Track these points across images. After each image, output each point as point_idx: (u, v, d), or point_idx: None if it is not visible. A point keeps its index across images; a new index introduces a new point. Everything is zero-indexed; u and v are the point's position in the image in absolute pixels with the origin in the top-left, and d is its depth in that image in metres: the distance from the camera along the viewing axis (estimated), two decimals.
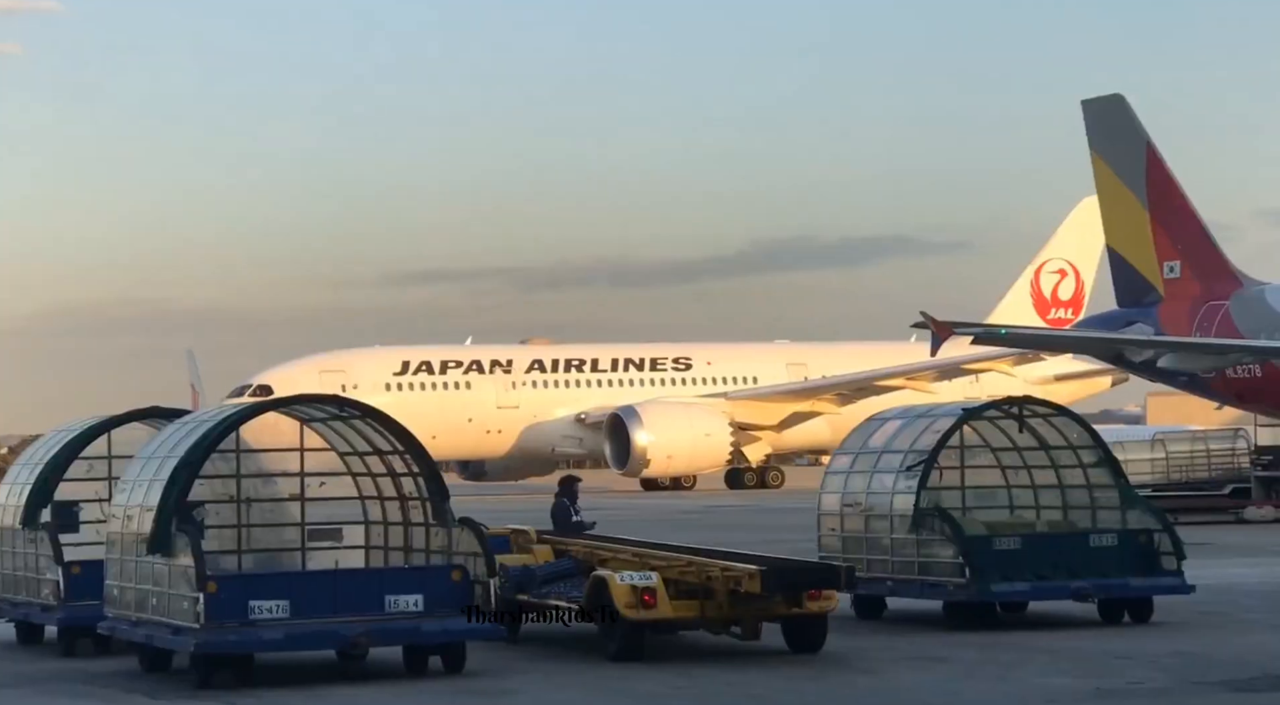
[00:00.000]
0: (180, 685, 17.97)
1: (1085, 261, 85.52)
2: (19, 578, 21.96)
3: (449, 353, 76.08)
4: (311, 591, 18.02)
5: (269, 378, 71.59)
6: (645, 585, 19.24)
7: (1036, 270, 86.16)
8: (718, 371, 78.15)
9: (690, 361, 78.25)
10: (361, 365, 73.58)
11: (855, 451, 24.06)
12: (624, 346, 79.82)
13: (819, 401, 76.35)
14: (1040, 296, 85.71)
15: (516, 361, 76.13)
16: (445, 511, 19.26)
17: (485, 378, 74.79)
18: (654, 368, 77.77)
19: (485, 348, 77.90)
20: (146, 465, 19.00)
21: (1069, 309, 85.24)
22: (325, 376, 71.08)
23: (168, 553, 17.94)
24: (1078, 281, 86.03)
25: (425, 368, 74.15)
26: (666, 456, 72.19)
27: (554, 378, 76.08)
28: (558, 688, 17.94)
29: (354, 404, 19.89)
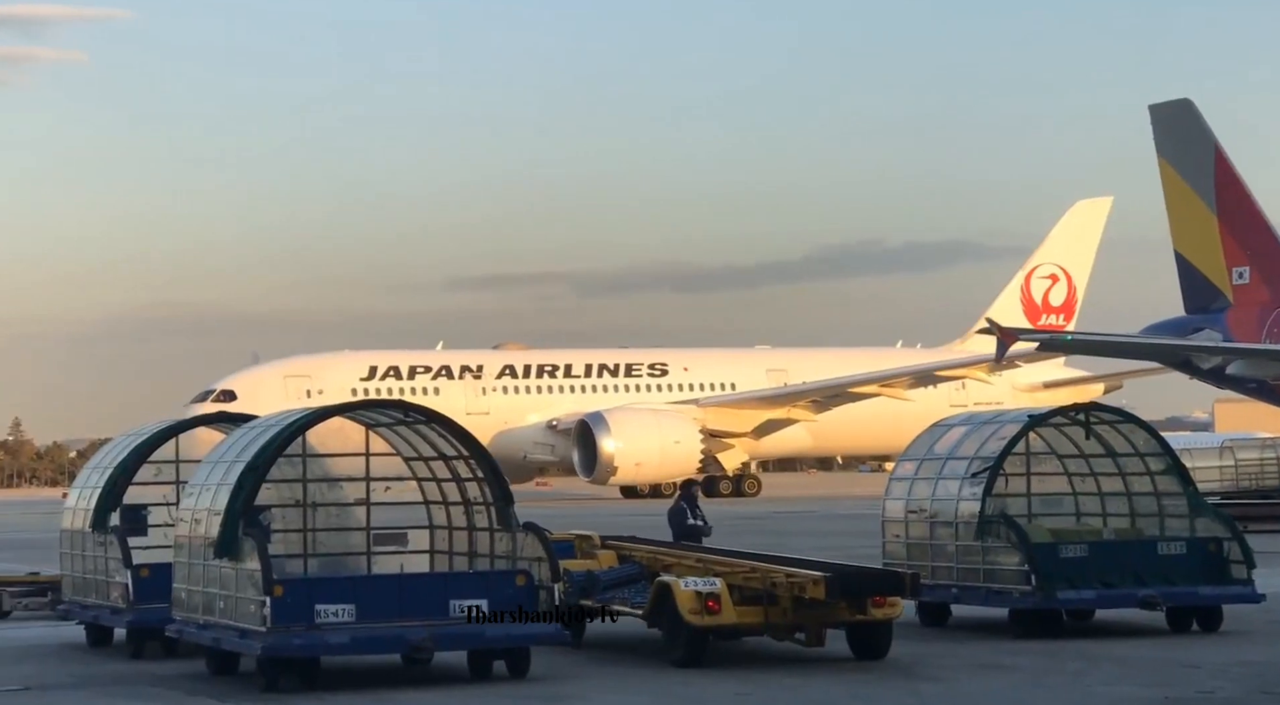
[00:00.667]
0: (247, 688, 18.08)
1: (1078, 266, 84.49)
2: (89, 580, 22.17)
3: (418, 358, 75.32)
4: (377, 596, 18.09)
5: (232, 383, 71.18)
6: (709, 591, 19.23)
7: (1027, 275, 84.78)
8: (694, 377, 77.30)
9: (666, 367, 77.47)
10: (327, 370, 72.85)
11: (920, 458, 23.96)
12: (598, 352, 79.01)
13: (795, 408, 75.36)
14: (1031, 302, 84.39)
15: (487, 366, 75.35)
16: (510, 516, 19.31)
17: (454, 383, 74.02)
18: (629, 373, 76.94)
19: (456, 353, 77.08)
20: (214, 469, 19.13)
21: (1060, 315, 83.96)
22: (290, 381, 70.90)
23: (235, 556, 18.06)
24: (1070, 287, 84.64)
25: (393, 373, 73.42)
26: (634, 464, 71.24)
27: (525, 383, 75.34)
28: (621, 693, 17.93)
29: (419, 409, 19.96)
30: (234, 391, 69.97)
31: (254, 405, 69.58)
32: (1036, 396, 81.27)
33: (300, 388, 70.33)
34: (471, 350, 78.85)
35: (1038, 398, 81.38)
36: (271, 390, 69.61)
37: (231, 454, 19.10)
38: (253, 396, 69.00)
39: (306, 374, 71.84)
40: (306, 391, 70.13)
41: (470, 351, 78.24)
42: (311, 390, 70.16)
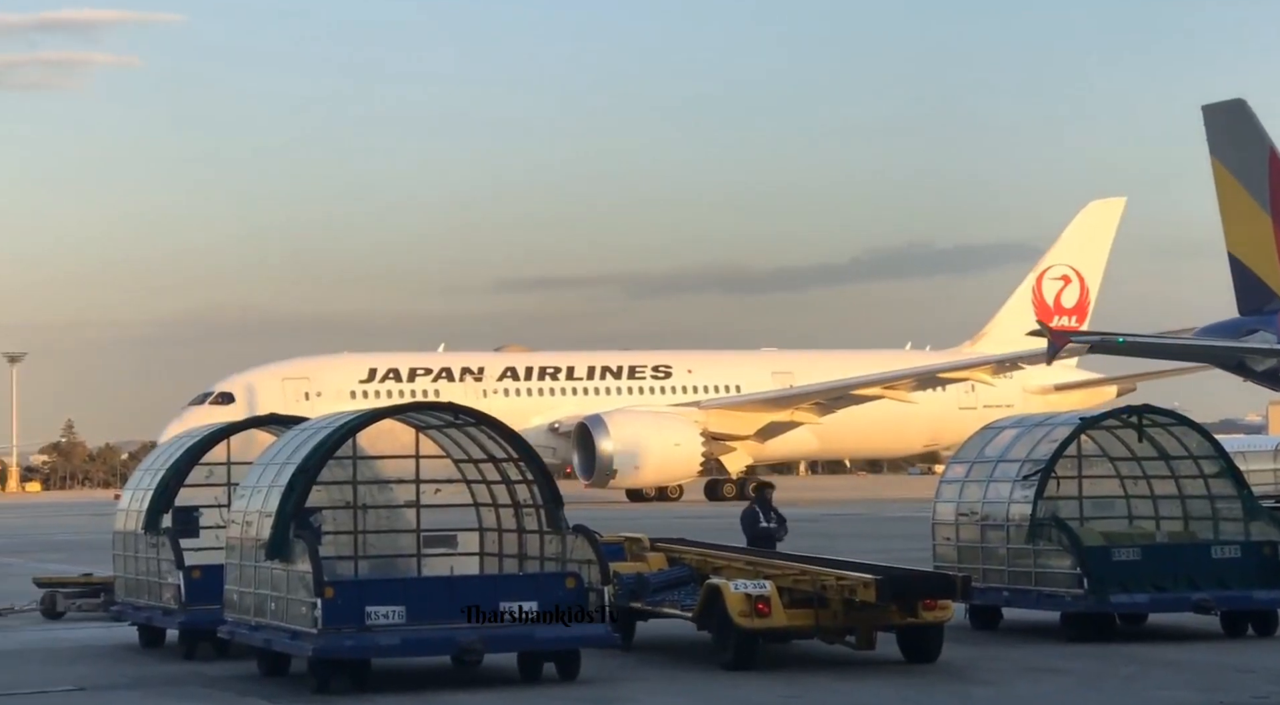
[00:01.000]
0: (298, 690, 18.14)
1: (1090, 267, 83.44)
2: (141, 581, 22.30)
3: (418, 360, 74.59)
4: (427, 597, 18.12)
5: (230, 385, 70.62)
6: (759, 594, 19.19)
7: (1039, 277, 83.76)
8: (698, 380, 76.45)
9: (670, 370, 76.57)
10: (326, 372, 72.20)
11: (970, 460, 23.85)
12: (601, 354, 78.15)
13: (798, 411, 74.46)
14: (1042, 303, 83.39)
15: (489, 369, 74.53)
16: (559, 518, 19.32)
17: (455, 385, 73.09)
18: (632, 376, 76.05)
19: (457, 355, 76.32)
20: (265, 471, 19.21)
21: (1073, 317, 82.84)
22: (288, 384, 70.34)
23: (286, 558, 18.12)
24: (1082, 288, 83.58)
25: (393, 375, 72.69)
26: (634, 467, 70.28)
27: (527, 386, 74.51)
28: (671, 695, 17.91)
29: (469, 411, 19.99)
30: (231, 394, 69.46)
31: (252, 408, 68.28)
32: (1048, 399, 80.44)
33: (299, 390, 69.87)
34: (473, 352, 78.13)
35: (1049, 400, 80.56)
36: (269, 392, 69.24)
37: (283, 456, 19.17)
38: (251, 399, 68.91)
39: (305, 376, 71.28)
40: (305, 394, 69.69)
41: (471, 353, 77.54)
42: (310, 392, 69.74)
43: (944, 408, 78.53)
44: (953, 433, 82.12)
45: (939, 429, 79.85)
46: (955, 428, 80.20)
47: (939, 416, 78.52)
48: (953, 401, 78.29)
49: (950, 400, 78.13)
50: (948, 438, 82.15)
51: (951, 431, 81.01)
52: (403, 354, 75.47)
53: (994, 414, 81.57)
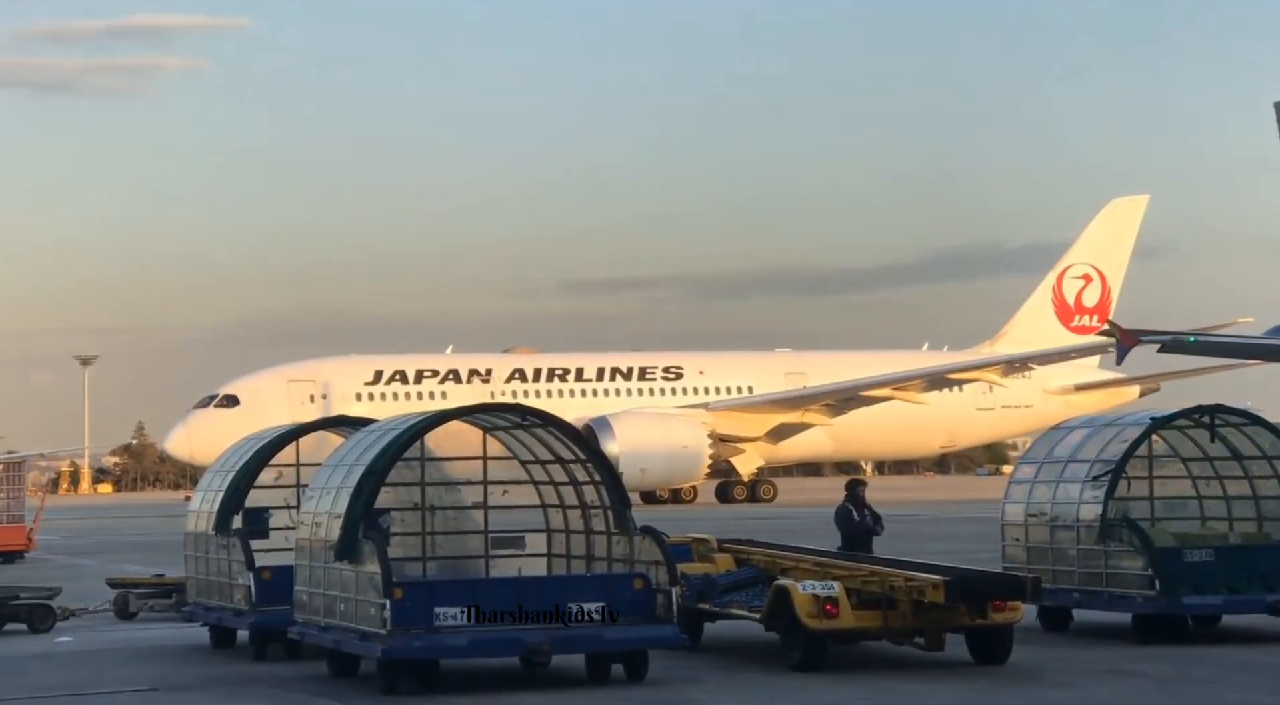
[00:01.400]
0: (367, 690, 18.22)
1: (1112, 266, 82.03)
2: (212, 582, 22.45)
3: (425, 362, 73.84)
4: (495, 599, 18.15)
5: (235, 388, 70.46)
6: (828, 595, 19.12)
7: (1059, 276, 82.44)
8: (710, 381, 75.41)
9: (681, 371, 75.53)
10: (332, 374, 71.69)
11: (1040, 461, 23.69)
12: (611, 355, 77.14)
13: (809, 412, 73.33)
14: (1063, 303, 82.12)
15: (496, 370, 73.75)
16: (627, 519, 19.31)
17: (462, 387, 72.26)
18: (643, 377, 75.03)
19: (465, 357, 75.49)
20: (334, 473, 19.30)
21: (1094, 316, 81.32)
22: (294, 386, 69.97)
23: (355, 559, 18.20)
24: (1104, 287, 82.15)
25: (399, 377, 72.14)
26: (640, 469, 68.74)
27: (536, 387, 73.52)
28: (739, 697, 17.87)
29: (536, 412, 20.02)
30: (237, 396, 69.39)
31: (257, 410, 68.17)
32: (1069, 399, 79.39)
33: (304, 392, 69.65)
34: (481, 354, 77.42)
35: (1070, 401, 79.45)
36: (275, 395, 69.20)
37: (351, 457, 19.25)
38: (256, 402, 68.88)
39: (311, 378, 70.88)
40: (310, 396, 69.54)
41: (479, 355, 76.78)
42: (315, 395, 69.56)
43: (961, 408, 77.51)
44: (970, 434, 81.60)
45: (956, 430, 79.02)
46: (972, 429, 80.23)
47: (956, 417, 77.63)
48: (970, 402, 77.35)
49: (967, 401, 77.04)
50: (965, 439, 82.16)
51: (969, 432, 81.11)
52: (410, 356, 74.85)
53: (1011, 415, 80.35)
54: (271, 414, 68.38)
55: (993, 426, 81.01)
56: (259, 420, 68.56)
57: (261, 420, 68.42)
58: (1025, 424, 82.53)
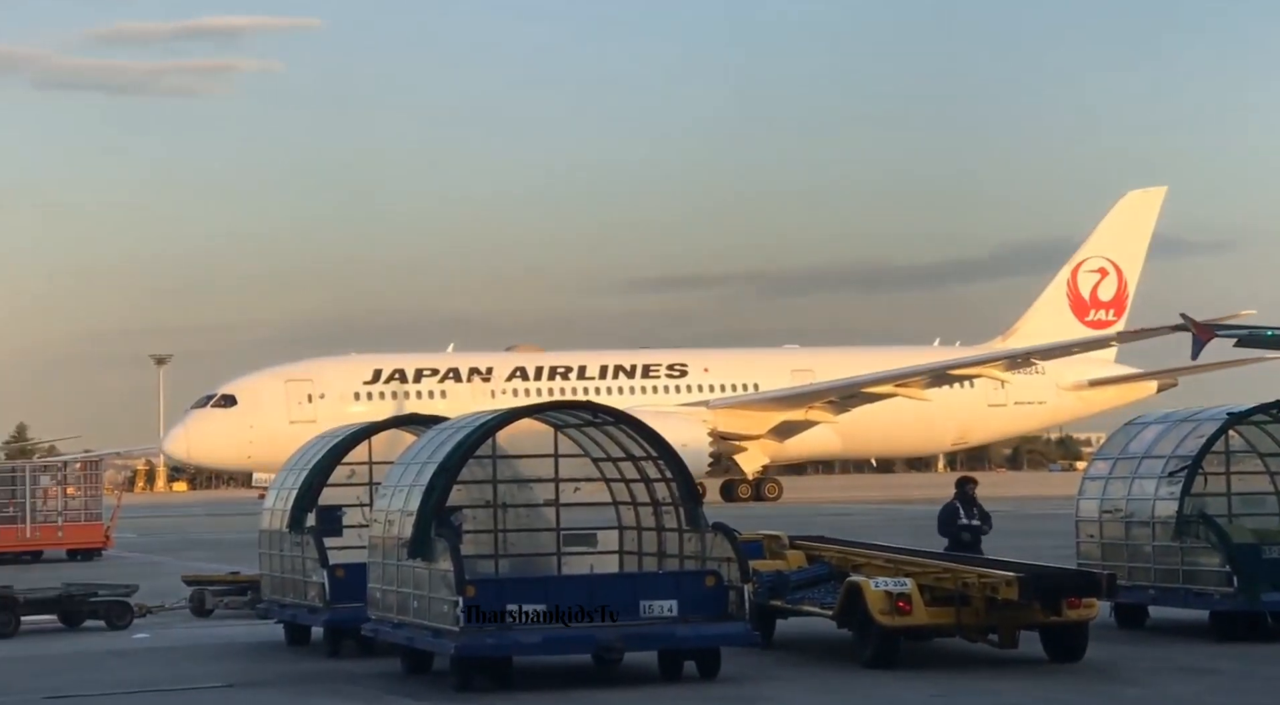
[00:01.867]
0: (441, 687, 18.29)
1: (1129, 260, 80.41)
2: (287, 580, 22.60)
3: (425, 361, 73.00)
4: (568, 596, 18.18)
5: (233, 387, 70.00)
6: (900, 591, 19.04)
7: (1074, 270, 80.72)
8: (715, 379, 74.24)
9: (686, 368, 74.48)
10: (330, 374, 71.14)
11: (1114, 457, 23.49)
12: (615, 353, 76.03)
13: (813, 409, 72.11)
14: (1078, 298, 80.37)
15: (497, 369, 72.87)
16: (699, 516, 19.30)
17: (462, 386, 71.58)
18: (646, 375, 73.97)
19: (465, 355, 74.60)
20: (406, 471, 19.38)
21: (1110, 310, 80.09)
22: (291, 385, 69.44)
23: (428, 557, 18.27)
24: (1120, 281, 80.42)
25: (398, 376, 71.43)
26: None
27: (537, 386, 72.49)
28: (812, 694, 17.83)
29: (607, 410, 20.04)
30: (234, 396, 69.12)
31: (255, 410, 68.63)
32: (1083, 395, 78.34)
33: (302, 392, 69.33)
34: (482, 352, 76.54)
35: (1084, 396, 78.50)
36: (273, 395, 69.02)
37: (423, 455, 19.33)
38: (253, 401, 68.77)
39: (308, 378, 70.29)
40: (308, 396, 69.26)
41: (480, 354, 75.93)
42: (313, 394, 69.26)
43: (973, 405, 76.20)
44: (982, 430, 79.61)
45: (968, 426, 77.79)
46: (984, 425, 78.51)
47: (968, 414, 76.49)
48: (981, 398, 76.02)
49: (979, 397, 75.76)
50: (976, 435, 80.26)
51: (980, 429, 79.10)
52: (409, 355, 74.11)
53: (1024, 411, 78.97)
54: (269, 414, 68.57)
55: (1005, 423, 79.62)
56: (256, 420, 68.61)
57: (258, 420, 68.86)
58: (1039, 420, 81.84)
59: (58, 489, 45.40)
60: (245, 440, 67.10)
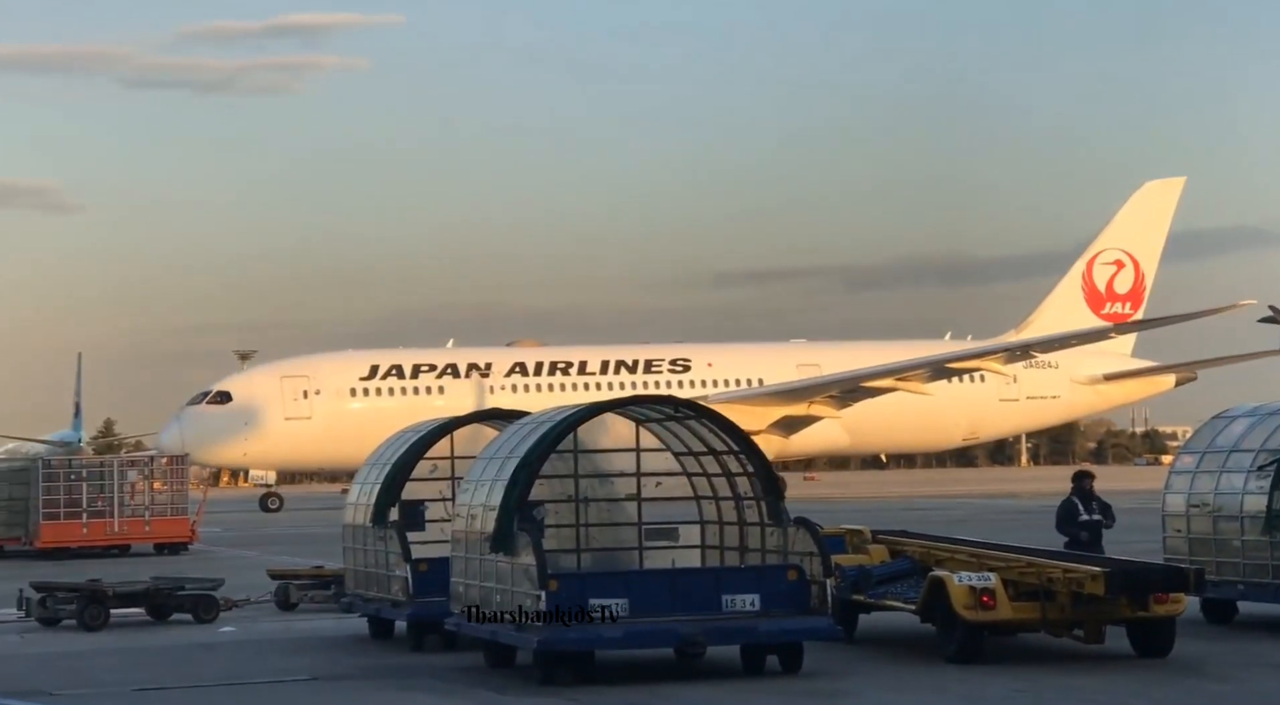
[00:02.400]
0: (524, 681, 18.34)
1: (1146, 251, 78.94)
2: (370, 574, 22.73)
3: (423, 356, 72.25)
4: (650, 590, 18.19)
5: (229, 384, 69.90)
6: (984, 586, 18.92)
7: (1089, 262, 79.20)
8: (719, 373, 73.27)
9: (689, 363, 73.53)
10: (326, 370, 70.63)
11: (1201, 451, 23.23)
12: (616, 348, 75.13)
13: (815, 404, 70.88)
14: (1093, 290, 78.81)
15: (496, 364, 72.11)
16: (780, 511, 19.25)
17: (460, 382, 70.89)
18: (648, 370, 73.00)
19: (465, 350, 73.69)
20: (488, 465, 19.45)
21: (1127, 303, 78.59)
22: (287, 382, 69.11)
23: (510, 551, 18.33)
24: (1137, 273, 78.87)
25: (395, 372, 70.83)
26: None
27: (537, 381, 71.72)
28: (896, 690, 17.75)
29: (689, 404, 20.02)
30: (229, 392, 69.03)
31: (250, 407, 68.21)
32: (1097, 389, 77.14)
33: (297, 388, 69.09)
34: (481, 348, 75.68)
35: (1099, 390, 77.29)
36: (268, 391, 68.87)
37: (505, 450, 19.39)
38: (249, 398, 68.66)
39: (305, 374, 69.94)
40: (304, 392, 69.07)
41: (480, 349, 75.03)
42: (309, 391, 69.06)
43: (984, 399, 75.03)
44: (993, 425, 78.08)
45: (979, 421, 76.59)
46: (995, 420, 77.00)
47: (979, 408, 75.28)
48: (993, 393, 74.75)
49: (990, 392, 74.58)
50: (987, 430, 78.67)
51: (991, 424, 77.57)
52: (408, 350, 73.58)
53: (1037, 406, 77.51)
54: (264, 410, 68.56)
55: (1017, 417, 78.35)
56: (251, 417, 68.49)
57: (254, 417, 68.54)
58: (1052, 415, 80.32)
59: (145, 484, 45.89)
60: (240, 437, 66.77)
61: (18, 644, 24.13)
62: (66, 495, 44.33)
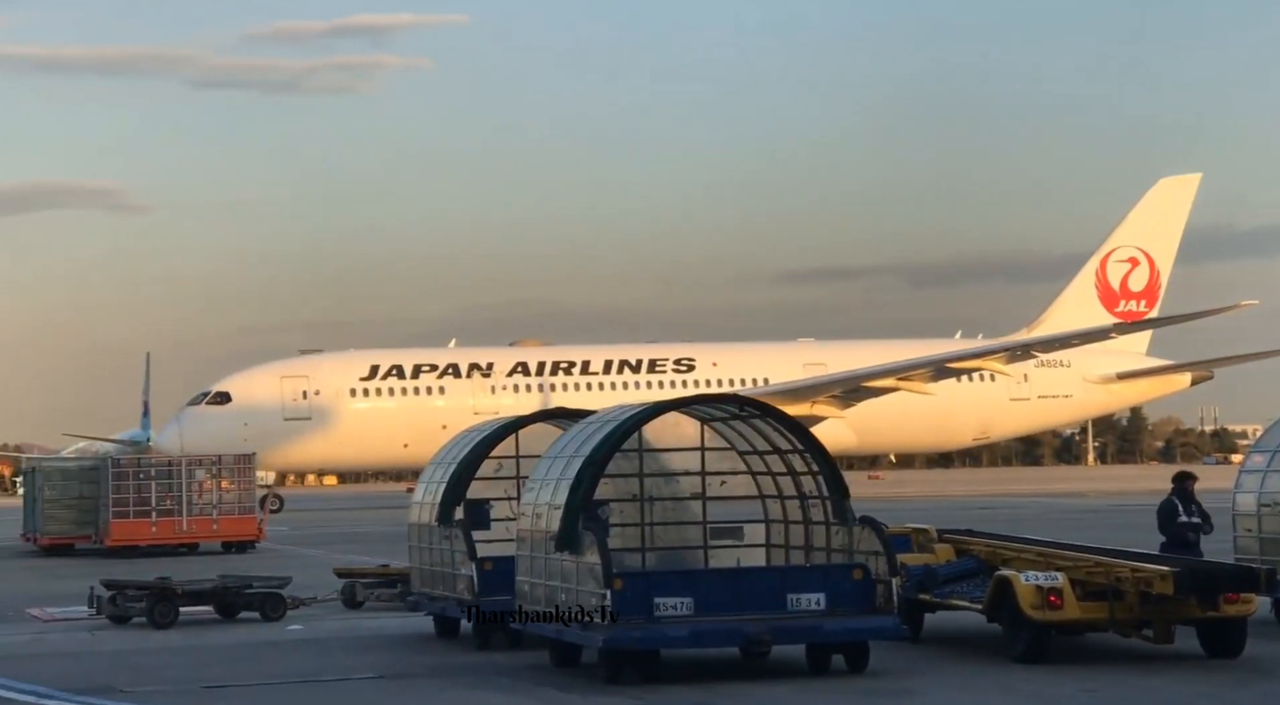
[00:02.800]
0: (590, 680, 18.37)
1: (1162, 249, 77.76)
2: (436, 573, 22.82)
3: (425, 356, 71.96)
4: (715, 589, 18.19)
5: (228, 385, 69.61)
6: (1051, 586, 18.80)
7: (1103, 260, 77.96)
8: (723, 373, 72.58)
9: (694, 362, 72.95)
10: (326, 370, 70.44)
11: (1272, 449, 22.98)
12: (620, 347, 74.49)
13: (818, 404, 69.89)
14: (1107, 288, 77.61)
15: (498, 364, 71.71)
16: (846, 510, 19.20)
17: (462, 382, 70.63)
18: (652, 369, 72.43)
19: (467, 350, 73.23)
20: (553, 464, 19.48)
21: (1141, 301, 77.37)
22: (287, 382, 68.97)
23: (575, 550, 18.35)
24: (1152, 271, 77.63)
25: (395, 372, 70.58)
26: None
27: (539, 381, 71.26)
28: (962, 689, 17.67)
29: (754, 403, 19.99)
30: (228, 393, 68.98)
31: (249, 407, 68.15)
32: (1111, 388, 76.20)
33: (296, 388, 69.02)
34: (484, 347, 75.15)
35: (1112, 390, 76.38)
36: (267, 391, 68.82)
37: (570, 449, 19.42)
38: (248, 398, 68.63)
39: (304, 374, 69.86)
40: (303, 392, 69.00)
41: (482, 349, 74.55)
42: (308, 391, 68.98)
43: (994, 398, 74.16)
44: (1004, 425, 77.01)
45: (989, 421, 75.75)
46: (1006, 419, 75.99)
47: (989, 408, 74.43)
48: (1003, 392, 73.87)
49: (1000, 391, 73.72)
50: (998, 430, 77.68)
51: (1002, 423, 76.55)
52: (409, 350, 73.29)
53: (1049, 405, 76.19)
54: (263, 411, 68.43)
55: (1028, 417, 77.32)
56: (251, 417, 68.29)
57: (253, 417, 68.22)
58: (1064, 414, 79.57)
59: (213, 482, 46.23)
60: (239, 438, 65.90)
61: (89, 641, 24.38)
62: (136, 494, 44.71)
